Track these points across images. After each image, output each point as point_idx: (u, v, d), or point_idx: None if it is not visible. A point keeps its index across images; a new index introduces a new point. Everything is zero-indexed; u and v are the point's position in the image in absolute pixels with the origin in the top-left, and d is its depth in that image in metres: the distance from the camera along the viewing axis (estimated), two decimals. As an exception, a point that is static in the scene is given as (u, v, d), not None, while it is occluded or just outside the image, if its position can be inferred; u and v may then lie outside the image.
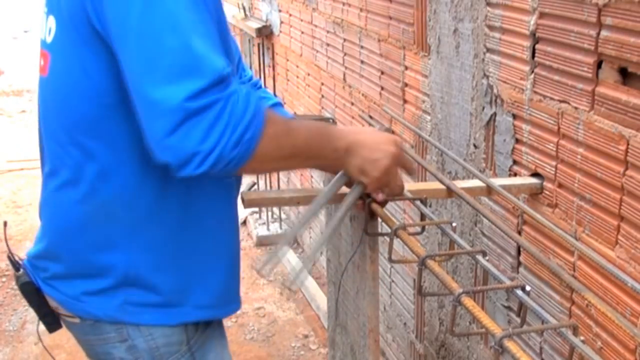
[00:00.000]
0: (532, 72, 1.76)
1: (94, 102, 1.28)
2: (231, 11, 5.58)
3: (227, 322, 3.93)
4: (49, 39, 1.31)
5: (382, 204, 1.49)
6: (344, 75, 3.26)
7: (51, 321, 1.52)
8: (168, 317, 1.43)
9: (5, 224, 1.67)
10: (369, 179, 1.40)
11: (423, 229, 1.73)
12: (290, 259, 4.33)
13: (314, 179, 4.12)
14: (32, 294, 1.48)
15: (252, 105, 1.17)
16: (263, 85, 1.78)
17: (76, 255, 1.41)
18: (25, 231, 5.05)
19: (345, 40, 3.18)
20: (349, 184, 1.46)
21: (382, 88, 2.81)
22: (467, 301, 1.20)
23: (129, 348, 1.44)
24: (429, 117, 2.39)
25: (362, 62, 3.00)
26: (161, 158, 1.16)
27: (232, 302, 1.58)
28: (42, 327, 1.56)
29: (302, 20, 3.86)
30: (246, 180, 5.93)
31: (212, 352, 1.55)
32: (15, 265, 1.51)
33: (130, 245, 1.37)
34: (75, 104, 1.29)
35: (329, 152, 1.34)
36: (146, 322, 1.42)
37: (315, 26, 3.62)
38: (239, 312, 3.98)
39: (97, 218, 1.36)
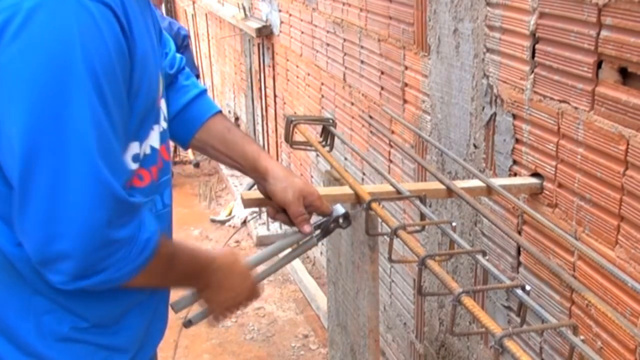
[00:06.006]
0: (532, 72, 1.76)
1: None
2: (231, 11, 5.58)
3: (227, 322, 3.93)
4: None
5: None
6: (344, 75, 3.26)
7: None
8: None
9: None
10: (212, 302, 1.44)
11: (423, 227, 1.73)
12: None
13: (313, 179, 4.13)
14: None
15: (146, 251, 1.16)
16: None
17: None
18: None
19: (345, 40, 3.18)
20: None
21: (382, 88, 2.81)
22: (467, 301, 1.20)
23: None
24: (429, 117, 2.39)
25: (362, 62, 3.00)
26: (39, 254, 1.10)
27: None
28: None
29: (302, 20, 3.86)
30: (246, 180, 5.93)
31: None
32: None
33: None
34: None
35: (184, 287, 1.39)
36: None
37: (315, 26, 3.62)
38: (238, 312, 3.99)
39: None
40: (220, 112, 1.58)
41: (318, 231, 1.54)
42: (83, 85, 1.03)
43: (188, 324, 1.46)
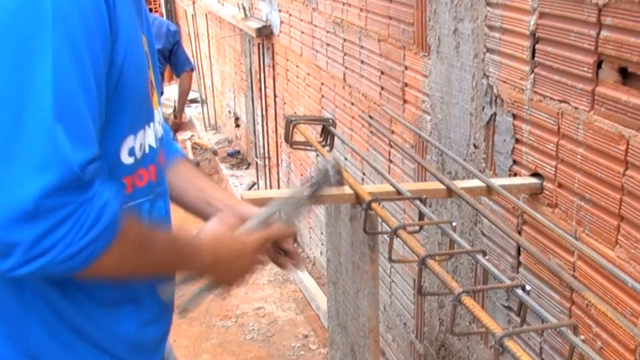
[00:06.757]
0: (532, 72, 1.76)
1: None
2: (231, 11, 5.58)
3: (227, 322, 3.93)
4: None
5: None
6: (344, 75, 3.26)
7: None
8: None
9: None
10: (219, 283, 1.34)
11: (421, 227, 1.73)
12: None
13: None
14: None
15: (101, 223, 1.02)
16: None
17: None
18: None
19: (345, 40, 3.18)
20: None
21: (382, 88, 2.81)
22: (467, 300, 1.20)
23: None
24: (429, 117, 2.39)
25: (362, 62, 3.00)
26: None
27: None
28: None
29: (302, 20, 3.86)
30: (246, 180, 5.93)
31: None
32: None
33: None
34: None
35: (183, 271, 1.28)
36: None
37: (315, 26, 3.62)
38: (238, 312, 4.00)
39: None
40: (184, 156, 1.51)
41: (309, 189, 1.47)
42: (52, 39, 0.96)
43: (184, 312, 1.34)
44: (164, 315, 1.35)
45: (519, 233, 1.88)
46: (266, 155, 5.22)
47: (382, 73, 2.78)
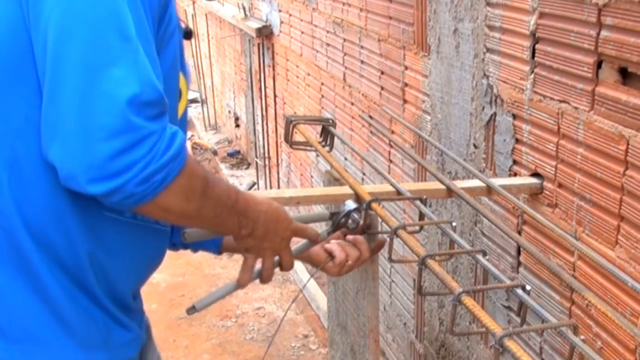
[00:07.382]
0: (532, 72, 1.76)
1: None
2: (231, 11, 5.58)
3: (227, 322, 3.94)
4: None
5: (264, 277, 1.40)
6: (344, 75, 3.26)
7: None
8: None
9: None
10: (253, 251, 1.34)
11: (421, 227, 1.73)
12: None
13: (313, 179, 4.13)
14: None
15: (174, 148, 1.04)
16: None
17: None
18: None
19: (345, 40, 3.18)
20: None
21: (382, 88, 2.81)
22: (467, 300, 1.20)
23: None
24: (429, 117, 2.39)
25: (362, 62, 3.00)
26: (57, 153, 1.01)
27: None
28: None
29: (302, 20, 3.86)
30: (246, 180, 5.93)
31: None
32: None
33: None
34: None
35: (230, 228, 1.25)
36: None
37: (315, 26, 3.62)
38: (238, 312, 4.00)
39: None
40: None
41: (328, 226, 1.52)
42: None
43: (191, 310, 1.35)
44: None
45: (519, 233, 1.88)
46: (266, 155, 5.23)
47: (382, 73, 2.78)
